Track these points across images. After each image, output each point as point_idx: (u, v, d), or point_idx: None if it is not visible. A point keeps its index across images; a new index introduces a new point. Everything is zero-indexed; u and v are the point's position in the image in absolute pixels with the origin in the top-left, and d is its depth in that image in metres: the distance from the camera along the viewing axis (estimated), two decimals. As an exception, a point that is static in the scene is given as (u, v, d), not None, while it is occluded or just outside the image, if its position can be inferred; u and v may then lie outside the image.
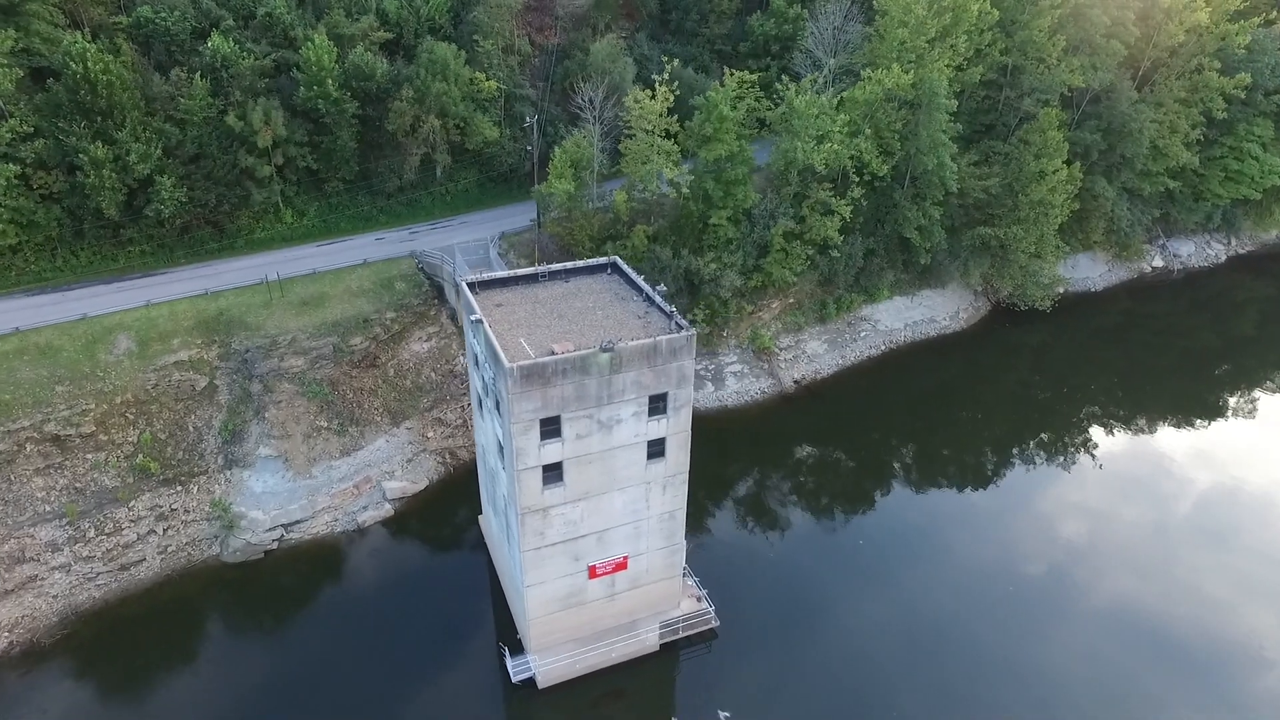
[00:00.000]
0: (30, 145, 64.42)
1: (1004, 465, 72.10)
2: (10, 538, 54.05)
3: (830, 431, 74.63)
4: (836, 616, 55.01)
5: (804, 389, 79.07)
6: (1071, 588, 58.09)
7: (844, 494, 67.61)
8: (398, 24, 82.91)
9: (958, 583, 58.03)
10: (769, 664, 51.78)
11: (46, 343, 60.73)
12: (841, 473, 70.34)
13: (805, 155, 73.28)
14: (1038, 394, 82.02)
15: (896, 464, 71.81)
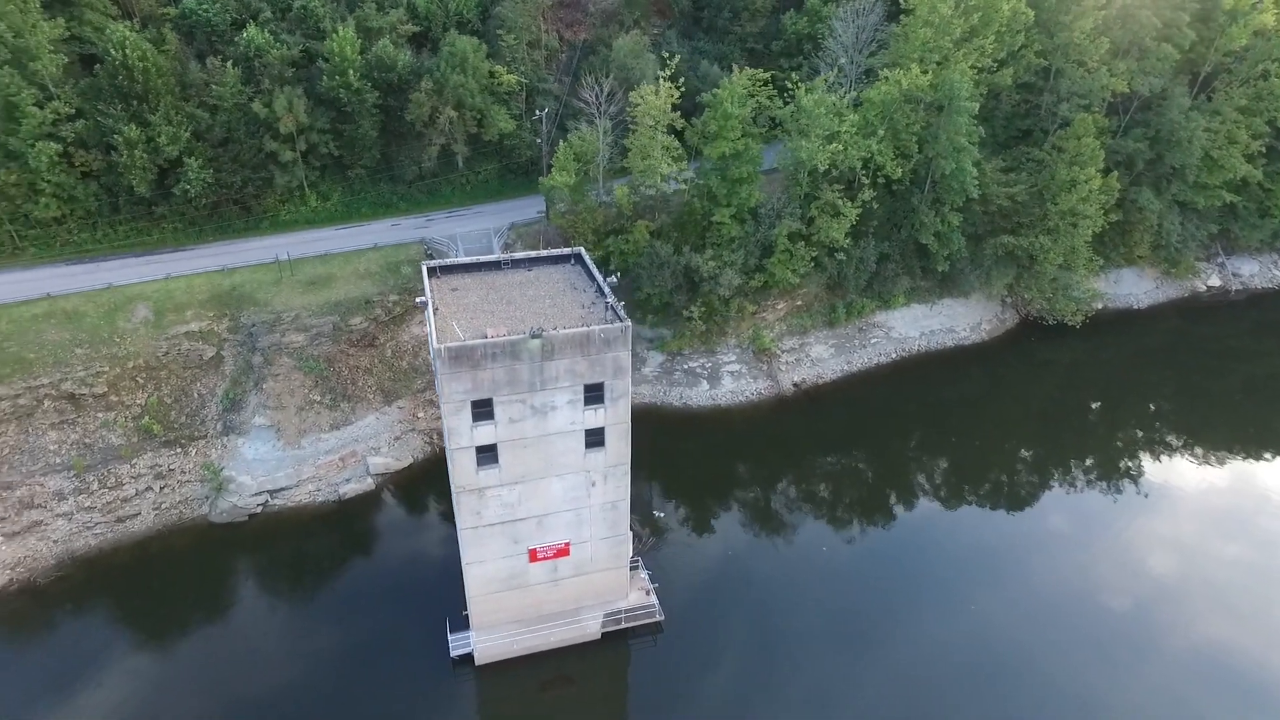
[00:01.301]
0: (72, 125, 69.60)
1: (1035, 485, 68.34)
2: (22, 484, 58.75)
3: (827, 437, 73.25)
4: (788, 621, 54.27)
5: (803, 393, 77.93)
6: (1123, 622, 54.80)
7: (829, 501, 66.53)
8: (426, 18, 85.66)
9: (938, 602, 56.09)
10: (717, 663, 51.61)
11: (73, 308, 65.58)
12: (831, 480, 69.02)
13: (809, 155, 72.16)
14: (1072, 414, 77.60)
15: (900, 474, 69.43)
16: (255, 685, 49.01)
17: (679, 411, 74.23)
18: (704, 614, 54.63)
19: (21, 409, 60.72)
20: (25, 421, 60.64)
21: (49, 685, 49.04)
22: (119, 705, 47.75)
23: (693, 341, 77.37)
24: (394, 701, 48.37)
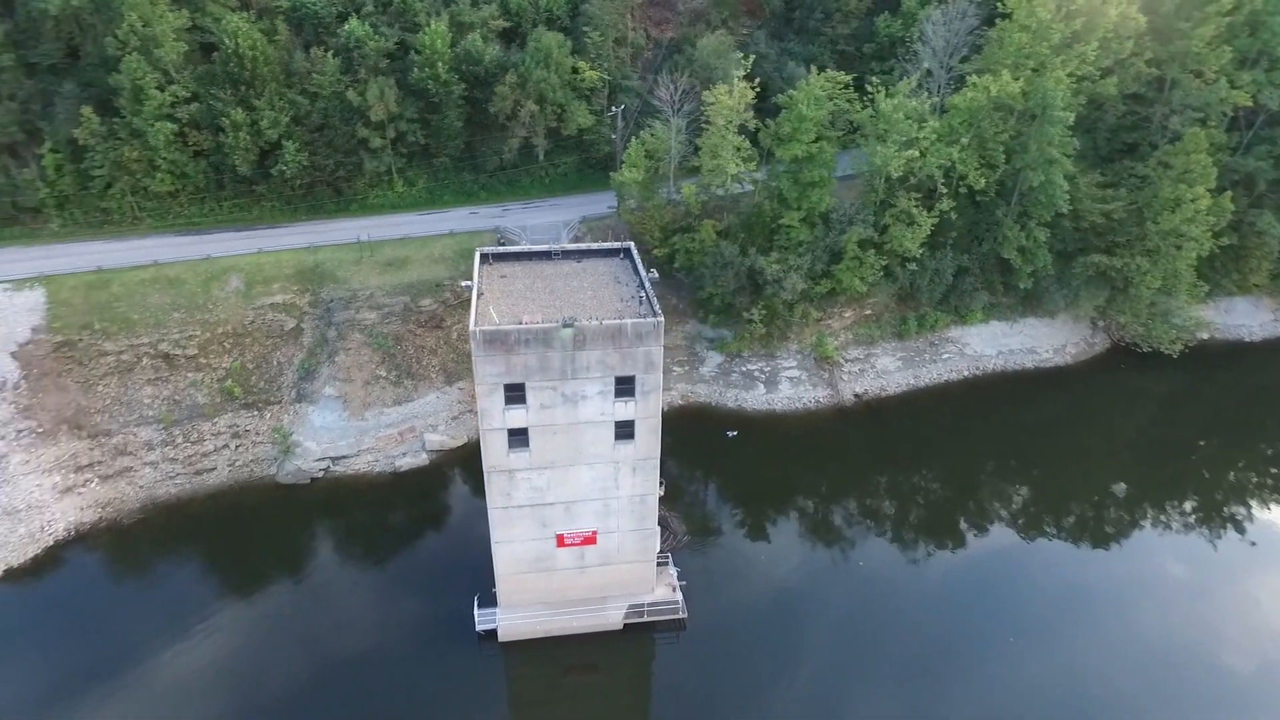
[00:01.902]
0: (187, 108, 75.59)
1: (1128, 523, 63.85)
2: (119, 433, 64.50)
3: (887, 452, 70.87)
4: (816, 637, 53.23)
5: (864, 404, 76.03)
6: (1247, 685, 50.97)
7: (885, 519, 64.05)
8: (517, 14, 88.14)
9: (1016, 636, 53.36)
10: (738, 669, 51.29)
11: (175, 276, 71.34)
12: (889, 496, 66.53)
13: (884, 161, 70.28)
14: (1170, 449, 72.17)
15: (968, 497, 66.30)
16: (293, 634, 52.36)
17: (732, 413, 73.82)
18: (730, 618, 54.38)
19: (124, 364, 66.59)
20: (126, 376, 66.46)
21: (122, 611, 54.16)
22: (168, 636, 52.02)
23: (752, 344, 76.75)
24: (420, 667, 50.46)
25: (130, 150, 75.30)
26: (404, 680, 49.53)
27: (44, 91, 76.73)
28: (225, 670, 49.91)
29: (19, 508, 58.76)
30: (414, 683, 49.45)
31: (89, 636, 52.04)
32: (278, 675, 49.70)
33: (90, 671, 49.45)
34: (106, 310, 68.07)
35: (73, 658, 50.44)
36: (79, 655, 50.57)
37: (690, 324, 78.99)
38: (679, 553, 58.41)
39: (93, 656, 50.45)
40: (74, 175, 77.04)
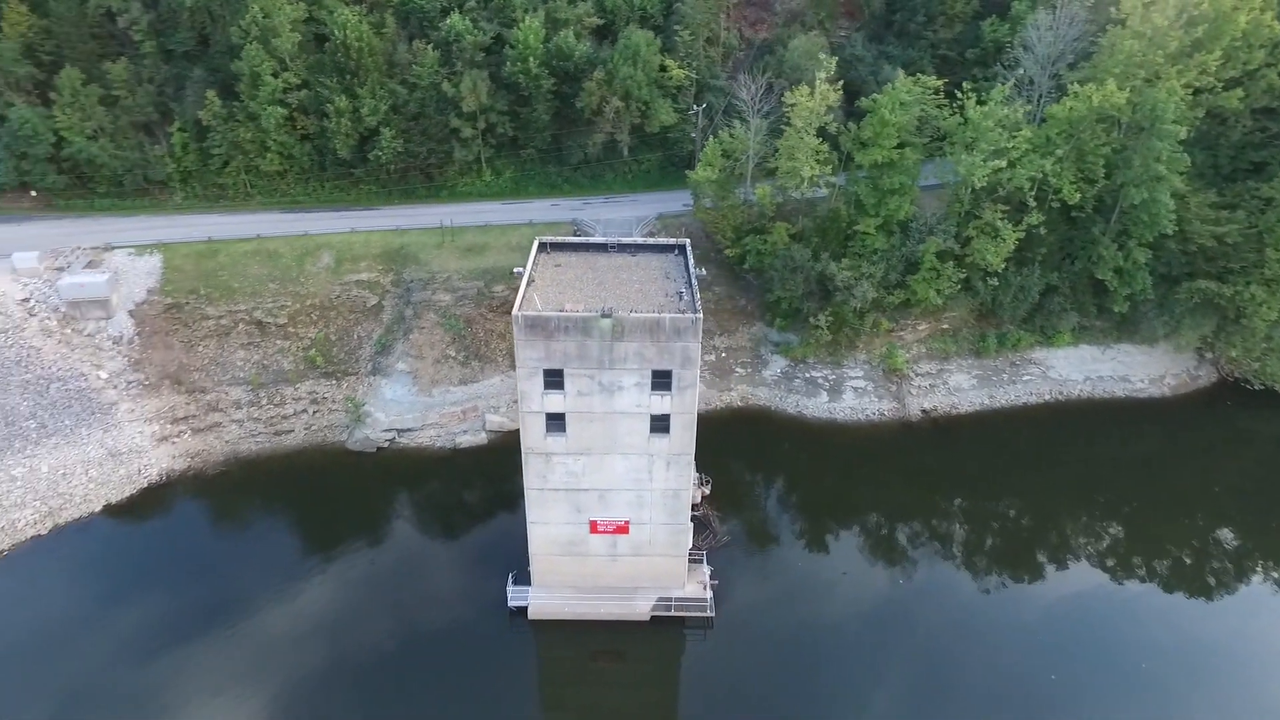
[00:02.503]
0: (297, 94, 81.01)
1: (1238, 575, 58.95)
2: (212, 391, 70.12)
3: (954, 472, 68.09)
4: (847, 655, 52.10)
5: (931, 421, 73.45)
6: None
7: (944, 541, 61.36)
8: (612, 12, 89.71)
9: (1095, 679, 50.32)
10: (762, 672, 50.95)
11: (274, 249, 76.78)
12: (951, 519, 63.49)
13: (968, 170, 67.66)
14: None
15: (1045, 528, 62.33)
16: (341, 587, 55.86)
17: (791, 419, 72.88)
18: (759, 623, 53.92)
19: (222, 328, 72.31)
20: (223, 339, 72.15)
21: (198, 550, 59.32)
22: (232, 575, 56.63)
23: (818, 351, 75.46)
24: (454, 633, 52.71)
25: (245, 131, 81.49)
26: (437, 643, 51.83)
27: (177, 76, 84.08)
28: (272, 611, 53.85)
29: (122, 451, 64.85)
30: (445, 646, 51.69)
31: (170, 568, 57.39)
32: (321, 621, 53.03)
33: (164, 595, 54.79)
34: (212, 277, 74.03)
35: (153, 583, 55.95)
36: (158, 581, 56.12)
37: (757, 326, 78.45)
38: (717, 552, 58.37)
39: (168, 584, 55.75)
40: (197, 153, 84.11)
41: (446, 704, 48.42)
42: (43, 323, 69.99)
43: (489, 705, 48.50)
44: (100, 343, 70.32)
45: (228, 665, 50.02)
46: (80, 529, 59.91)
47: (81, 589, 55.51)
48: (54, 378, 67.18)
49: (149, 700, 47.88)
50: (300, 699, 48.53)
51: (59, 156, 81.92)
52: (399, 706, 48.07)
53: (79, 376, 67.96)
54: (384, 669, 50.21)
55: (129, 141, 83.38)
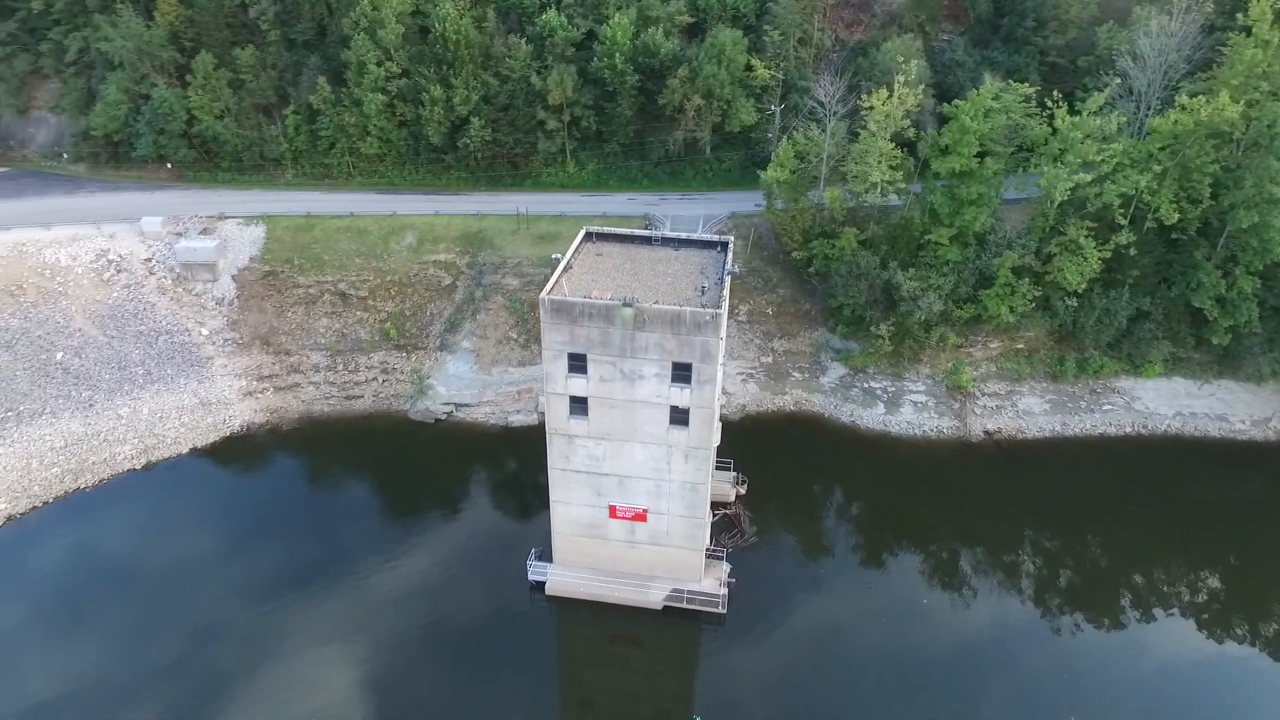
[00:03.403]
0: (397, 82, 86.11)
1: None
2: (296, 354, 75.96)
3: (1014, 499, 64.75)
4: (860, 681, 50.95)
5: (994, 443, 70.26)
6: None
7: (1000, 571, 58.38)
8: (703, 10, 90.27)
9: None
10: (766, 674, 50.75)
11: (364, 227, 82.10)
12: (1005, 548, 60.33)
13: (1049, 183, 64.27)
14: None
15: (1122, 571, 58.34)
16: (383, 542, 59.49)
17: (844, 429, 71.50)
18: (771, 626, 53.51)
19: (310, 297, 78.12)
20: (310, 307, 77.94)
21: (268, 496, 65.24)
22: (294, 520, 61.92)
23: (879, 361, 73.59)
24: (478, 600, 55.14)
25: (350, 116, 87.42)
26: (462, 607, 54.39)
27: (296, 63, 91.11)
28: (319, 558, 57.97)
29: (212, 401, 71.38)
30: (469, 611, 54.18)
31: (241, 509, 63.35)
32: (359, 570, 56.82)
33: (235, 531, 60.68)
34: (306, 250, 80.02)
35: (227, 520, 61.93)
36: (232, 519, 62.10)
37: (819, 331, 77.27)
38: (744, 552, 58.34)
39: (239, 522, 61.63)
40: (307, 134, 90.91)
41: (468, 668, 50.50)
42: (160, 281, 77.83)
43: (506, 674, 50.30)
44: (205, 302, 77.50)
45: (279, 604, 54.41)
46: (169, 467, 66.48)
47: (169, 520, 61.64)
48: (163, 331, 74.66)
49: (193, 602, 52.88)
50: (336, 628, 52.54)
51: (190, 133, 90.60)
52: (421, 663, 50.77)
53: (184, 331, 75.22)
54: (408, 625, 53.21)
55: (250, 122, 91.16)
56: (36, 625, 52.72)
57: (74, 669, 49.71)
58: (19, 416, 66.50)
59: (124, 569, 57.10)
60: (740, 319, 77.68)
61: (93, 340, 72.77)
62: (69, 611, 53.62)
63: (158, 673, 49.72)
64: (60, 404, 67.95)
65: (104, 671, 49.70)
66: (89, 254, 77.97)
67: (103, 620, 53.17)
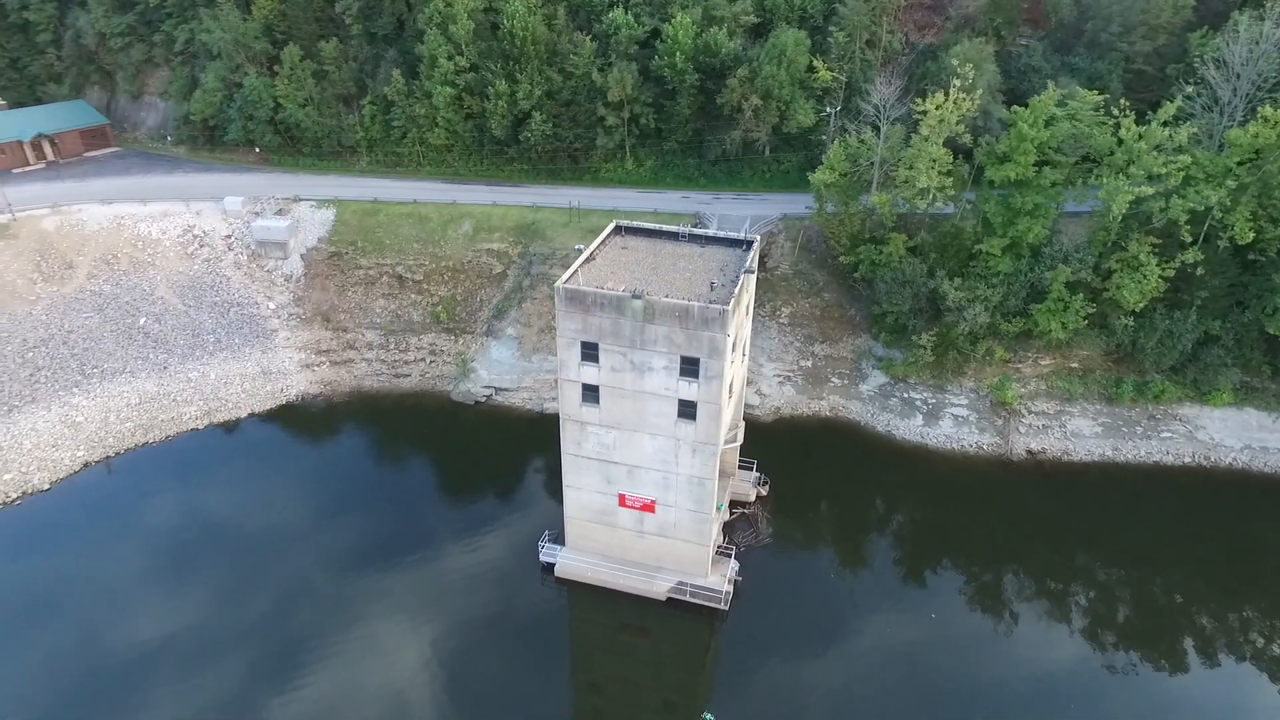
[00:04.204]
0: (465, 76, 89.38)
1: None
2: (352, 331, 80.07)
3: (1056, 522, 61.79)
4: (844, 675, 50.30)
5: (1036, 463, 67.58)
6: None
7: (1021, 597, 56.02)
8: (770, 10, 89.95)
9: None
10: (765, 675, 50.68)
11: (425, 214, 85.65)
12: (1039, 574, 57.71)
13: (1108, 195, 61.40)
14: None
15: (1182, 612, 54.79)
16: (414, 513, 62.34)
17: (879, 438, 70.18)
18: (773, 627, 53.21)
19: (369, 278, 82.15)
20: (369, 288, 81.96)
21: (315, 460, 69.37)
22: (337, 485, 65.45)
23: (921, 371, 71.83)
24: (494, 575, 56.98)
25: (420, 107, 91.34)
26: (478, 581, 56.31)
27: (375, 56, 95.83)
28: (354, 521, 61.48)
29: (272, 371, 76.12)
30: (485, 584, 56.02)
31: (288, 471, 67.74)
32: (390, 540, 59.65)
33: (279, 489, 64.84)
34: (369, 233, 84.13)
35: (277, 481, 66.17)
36: (280, 480, 66.34)
37: (862, 338, 75.98)
38: (758, 552, 58.30)
39: (285, 482, 65.94)
40: (381, 124, 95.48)
41: (480, 643, 52.16)
42: (236, 257, 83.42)
43: (517, 649, 51.88)
44: (274, 279, 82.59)
45: (324, 565, 57.86)
46: (228, 429, 71.40)
47: (226, 477, 66.35)
48: (234, 303, 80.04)
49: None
50: (359, 576, 55.74)
51: (276, 120, 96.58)
52: (438, 634, 52.95)
53: (253, 304, 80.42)
54: (426, 598, 55.51)
55: (330, 110, 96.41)
56: (103, 561, 57.59)
57: (130, 591, 54.34)
58: (102, 374, 72.65)
59: (183, 516, 61.86)
60: (782, 321, 77.25)
61: (172, 308, 78.71)
62: (137, 551, 58.61)
63: (208, 595, 54.28)
64: (139, 365, 73.86)
65: (146, 592, 54.14)
66: (177, 229, 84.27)
67: (152, 558, 57.80)
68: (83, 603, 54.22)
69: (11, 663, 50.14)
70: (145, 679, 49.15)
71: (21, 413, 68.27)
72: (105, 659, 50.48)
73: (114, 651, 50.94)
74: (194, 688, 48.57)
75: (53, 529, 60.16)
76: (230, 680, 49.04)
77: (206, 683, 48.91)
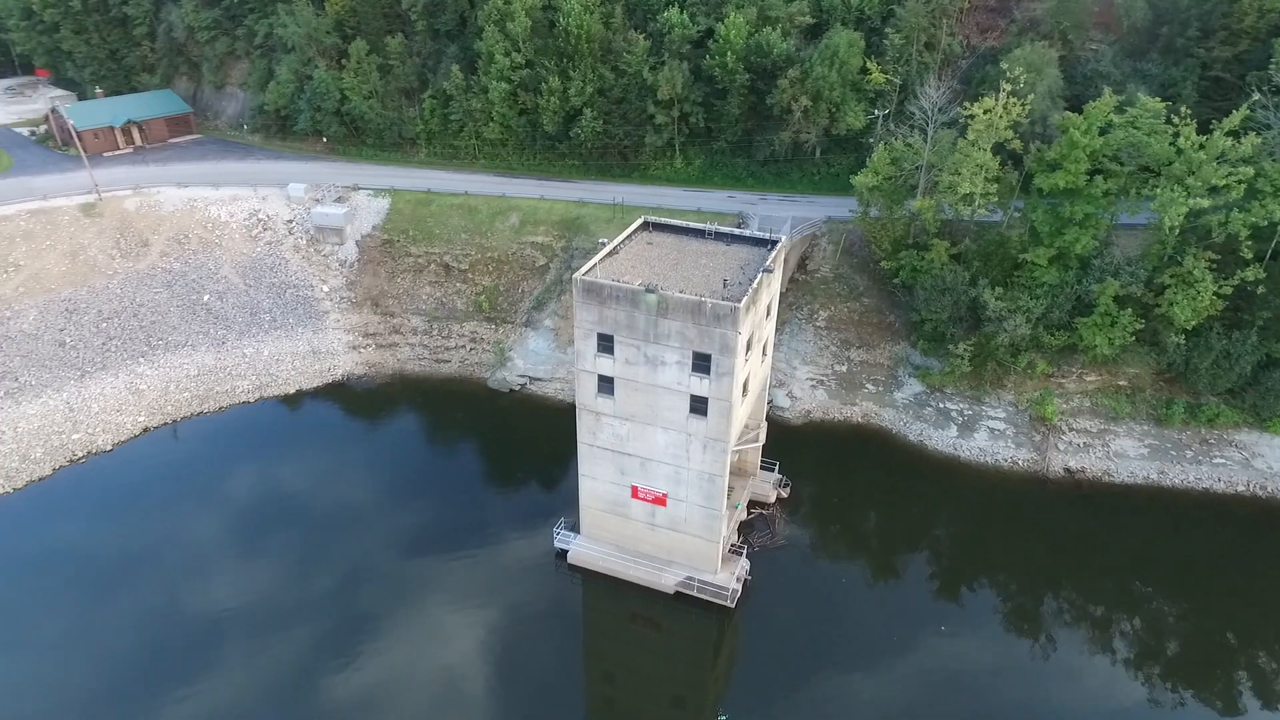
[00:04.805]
0: (519, 72, 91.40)
1: None
2: (398, 316, 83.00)
3: (1093, 544, 59.52)
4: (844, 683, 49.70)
5: (1073, 482, 65.30)
6: None
7: (1062, 620, 54.16)
8: (827, 11, 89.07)
9: None
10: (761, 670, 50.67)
11: (474, 206, 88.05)
12: (1070, 598, 55.73)
13: (1161, 206, 58.85)
14: None
15: (1217, 647, 52.33)
16: (442, 491, 64.62)
17: (910, 447, 68.92)
18: (778, 628, 53.07)
19: (418, 266, 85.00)
20: (417, 276, 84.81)
21: (355, 435, 72.68)
22: (377, 459, 68.64)
23: (959, 382, 70.18)
24: (509, 555, 58.51)
25: (476, 102, 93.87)
26: (498, 565, 57.83)
27: (437, 51, 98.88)
28: (388, 494, 64.34)
29: (322, 351, 79.59)
30: (504, 569, 57.50)
31: (334, 444, 71.00)
32: (421, 514, 62.13)
33: (326, 460, 68.17)
34: (421, 223, 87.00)
35: (320, 453, 69.58)
36: (325, 451, 69.83)
37: (901, 345, 74.65)
38: (771, 554, 58.13)
39: (331, 454, 69.29)
40: (440, 118, 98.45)
41: (496, 626, 53.60)
42: (295, 241, 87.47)
43: (531, 630, 53.25)
44: (330, 263, 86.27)
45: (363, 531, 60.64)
46: (276, 404, 75.01)
47: (275, 447, 70.24)
48: (291, 285, 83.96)
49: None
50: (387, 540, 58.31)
51: (341, 111, 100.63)
52: (454, 604, 54.85)
53: (308, 287, 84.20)
54: (443, 579, 57.35)
55: (392, 103, 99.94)
56: (160, 519, 61.37)
57: (177, 547, 57.97)
58: (166, 346, 77.35)
59: (231, 481, 65.56)
60: (819, 324, 76.56)
61: (234, 287, 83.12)
62: (190, 511, 62.40)
63: (245, 550, 57.62)
64: (199, 339, 78.31)
65: (184, 538, 57.59)
66: (244, 213, 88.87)
67: (201, 518, 61.46)
68: (138, 556, 57.93)
69: (87, 608, 53.68)
70: (178, 619, 52.37)
71: (93, 378, 73.22)
72: (158, 606, 54.07)
73: (160, 596, 54.66)
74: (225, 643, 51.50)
75: (116, 488, 64.36)
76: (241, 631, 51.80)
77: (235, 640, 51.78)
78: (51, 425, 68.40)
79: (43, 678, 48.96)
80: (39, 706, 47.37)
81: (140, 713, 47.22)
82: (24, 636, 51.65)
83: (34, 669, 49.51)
